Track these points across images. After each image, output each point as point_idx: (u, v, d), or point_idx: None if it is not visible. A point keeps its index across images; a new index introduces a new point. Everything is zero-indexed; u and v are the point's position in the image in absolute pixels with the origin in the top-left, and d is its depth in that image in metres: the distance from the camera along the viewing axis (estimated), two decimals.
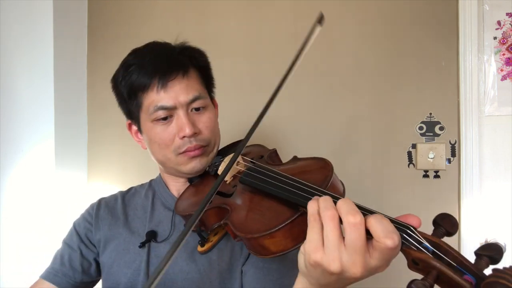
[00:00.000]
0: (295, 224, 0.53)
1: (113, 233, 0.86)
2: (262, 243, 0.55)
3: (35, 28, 1.50)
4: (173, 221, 0.84)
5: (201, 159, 0.80)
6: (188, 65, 0.80)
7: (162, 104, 0.76)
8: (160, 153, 0.81)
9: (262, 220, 0.57)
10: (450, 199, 1.38)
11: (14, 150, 1.52)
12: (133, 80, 0.78)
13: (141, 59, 0.79)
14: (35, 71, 1.51)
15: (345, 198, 0.48)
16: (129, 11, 1.66)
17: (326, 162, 0.66)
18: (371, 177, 1.44)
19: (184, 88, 0.77)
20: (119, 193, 0.95)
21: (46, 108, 1.50)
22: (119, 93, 0.83)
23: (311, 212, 0.48)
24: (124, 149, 1.64)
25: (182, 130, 0.76)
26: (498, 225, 1.36)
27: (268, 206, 0.60)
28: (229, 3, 1.57)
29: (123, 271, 0.81)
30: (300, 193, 0.55)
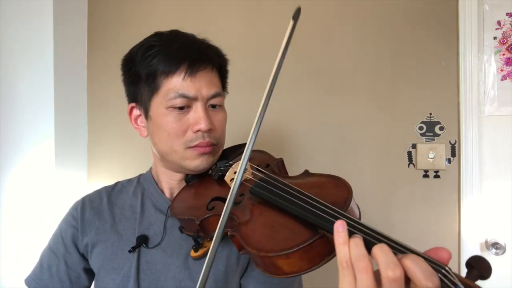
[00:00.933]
0: (312, 246, 0.50)
1: (100, 237, 0.81)
2: (276, 262, 0.52)
3: (35, 28, 1.50)
4: (166, 225, 0.80)
5: (208, 157, 0.77)
6: (216, 62, 0.79)
7: (184, 92, 0.72)
8: (167, 143, 0.76)
9: (277, 238, 0.54)
10: (450, 199, 1.38)
11: (14, 150, 1.52)
12: (156, 62, 0.73)
13: (168, 42, 0.75)
14: (35, 71, 1.51)
15: (381, 245, 0.44)
16: (129, 11, 1.66)
17: (344, 182, 0.63)
18: (371, 177, 1.44)
19: (209, 82, 0.75)
20: (103, 190, 0.89)
21: (46, 108, 1.50)
22: (133, 72, 0.77)
23: (342, 259, 0.45)
24: (124, 149, 1.64)
25: (198, 123, 0.73)
26: (498, 225, 1.36)
27: (282, 222, 0.56)
28: (229, 3, 1.57)
29: (111, 277, 0.77)
30: (321, 214, 0.52)
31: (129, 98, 0.82)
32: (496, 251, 1.33)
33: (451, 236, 1.37)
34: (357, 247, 0.45)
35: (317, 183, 0.67)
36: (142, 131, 0.82)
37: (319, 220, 0.51)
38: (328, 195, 0.59)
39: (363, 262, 0.43)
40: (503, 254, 1.33)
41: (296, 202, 0.57)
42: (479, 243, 1.35)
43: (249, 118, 1.70)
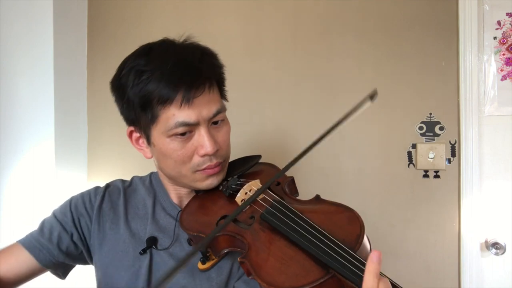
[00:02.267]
0: (323, 285, 0.51)
1: (113, 232, 0.81)
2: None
3: (35, 28, 1.50)
4: (176, 231, 0.79)
5: (218, 175, 0.77)
6: (211, 76, 0.74)
7: (185, 120, 0.69)
8: (174, 170, 0.75)
9: (287, 272, 0.54)
10: (450, 199, 1.38)
11: (14, 150, 1.52)
12: (150, 90, 0.69)
13: (158, 65, 0.70)
14: (35, 71, 1.51)
15: None
16: (129, 11, 1.66)
17: (356, 216, 0.62)
18: (371, 177, 1.44)
19: (207, 103, 0.72)
20: (121, 184, 0.89)
21: (46, 108, 1.50)
22: (126, 99, 0.73)
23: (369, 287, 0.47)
24: (124, 149, 1.64)
25: (203, 147, 0.72)
26: (498, 225, 1.36)
27: (292, 255, 0.56)
28: (229, 3, 1.57)
29: (120, 274, 0.77)
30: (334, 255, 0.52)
31: (126, 121, 0.79)
32: (496, 251, 1.33)
33: (451, 236, 1.37)
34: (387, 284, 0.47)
35: (328, 213, 0.66)
36: (146, 153, 0.81)
37: (331, 261, 0.52)
38: (340, 229, 0.59)
39: None
40: (503, 254, 1.33)
41: (308, 237, 0.57)
42: (479, 243, 1.35)
43: (248, 119, 1.70)
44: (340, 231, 0.58)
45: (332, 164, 1.47)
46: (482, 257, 1.36)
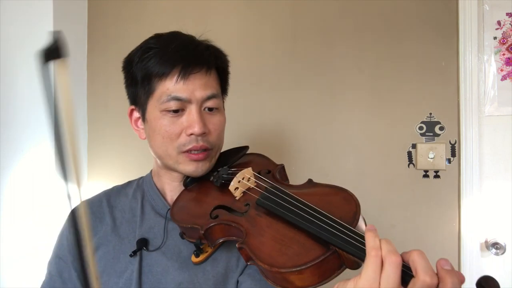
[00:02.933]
0: (324, 262, 0.52)
1: (101, 241, 0.80)
2: (288, 277, 0.53)
3: (35, 28, 1.50)
4: (166, 229, 0.79)
5: (204, 164, 0.77)
6: (212, 63, 0.77)
7: (177, 94, 0.72)
8: (161, 147, 0.76)
9: (288, 253, 0.54)
10: (450, 199, 1.38)
11: (14, 150, 1.52)
12: (151, 65, 0.73)
13: (163, 44, 0.75)
14: (35, 71, 1.51)
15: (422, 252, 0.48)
16: (129, 11, 1.66)
17: (351, 195, 0.63)
18: (371, 177, 1.44)
19: (203, 84, 0.74)
20: (103, 194, 0.88)
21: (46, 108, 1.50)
22: (131, 74, 0.78)
23: (373, 246, 0.48)
24: (124, 149, 1.64)
25: (191, 126, 0.73)
26: (498, 225, 1.36)
27: (292, 237, 0.57)
28: (229, 3, 1.57)
29: (114, 280, 0.76)
30: (334, 231, 0.53)
31: (129, 100, 0.82)
32: (496, 251, 1.33)
33: (451, 236, 1.37)
34: (389, 244, 0.48)
35: (323, 195, 0.66)
36: (141, 133, 0.82)
37: (333, 237, 0.52)
38: (336, 208, 0.59)
39: (395, 257, 0.46)
40: (503, 254, 1.33)
41: (306, 217, 0.57)
42: (479, 243, 1.35)
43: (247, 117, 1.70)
44: (336, 210, 0.58)
45: (332, 164, 1.47)
46: (482, 257, 1.36)
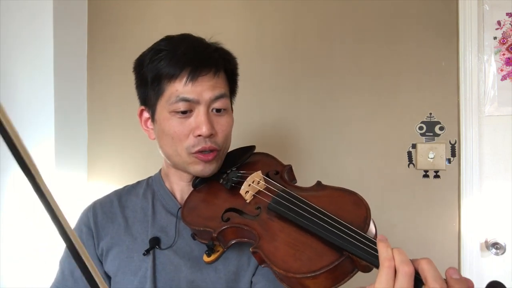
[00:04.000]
0: (338, 267, 0.53)
1: (115, 241, 0.82)
2: (303, 282, 0.54)
3: (35, 28, 1.50)
4: (177, 228, 0.81)
5: (211, 164, 0.78)
6: (220, 65, 0.79)
7: (185, 96, 0.74)
8: (171, 147, 0.78)
9: (302, 258, 0.56)
10: (450, 199, 1.38)
11: None
12: (161, 66, 0.75)
13: (174, 47, 0.77)
14: (35, 71, 1.51)
15: (430, 260, 0.50)
16: (129, 11, 1.66)
17: (362, 199, 0.64)
18: (371, 177, 1.44)
19: (211, 86, 0.76)
20: (113, 193, 0.91)
21: (46, 108, 1.50)
22: (142, 75, 0.80)
23: (386, 257, 0.50)
24: (124, 149, 1.64)
25: (199, 128, 0.74)
26: (498, 225, 1.36)
27: (304, 242, 0.58)
28: (229, 3, 1.57)
29: (129, 278, 0.78)
30: (346, 238, 0.54)
31: (140, 100, 0.84)
32: (496, 251, 1.33)
33: (451, 236, 1.37)
34: (402, 255, 0.50)
35: (333, 198, 0.67)
36: (150, 134, 0.84)
37: (346, 243, 0.53)
38: (347, 213, 0.60)
39: (409, 268, 0.48)
40: (503, 254, 1.33)
41: (318, 223, 0.57)
42: (479, 243, 1.35)
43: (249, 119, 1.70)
44: (347, 215, 0.59)
45: (332, 164, 1.47)
46: (482, 257, 1.36)
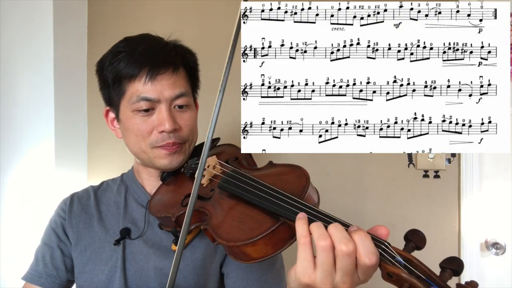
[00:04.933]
0: (275, 233, 0.56)
1: (87, 231, 0.86)
2: (244, 250, 0.57)
3: (35, 28, 1.50)
4: (146, 218, 0.85)
5: (178, 156, 0.82)
6: (179, 63, 0.81)
7: (146, 95, 0.76)
8: (135, 145, 0.81)
9: (243, 228, 0.59)
10: (450, 199, 1.38)
11: (14, 151, 1.52)
12: (121, 68, 0.78)
13: (132, 48, 0.79)
14: (35, 71, 1.51)
15: (336, 224, 0.50)
16: (129, 12, 1.66)
17: (302, 170, 0.67)
18: (371, 177, 1.44)
19: (171, 84, 0.78)
20: (90, 188, 0.95)
21: (46, 108, 1.50)
22: (103, 77, 0.83)
23: (301, 234, 0.50)
24: (124, 149, 1.64)
25: (162, 124, 0.77)
26: (498, 225, 1.36)
27: (247, 213, 0.61)
28: (229, 3, 1.57)
29: (100, 268, 0.81)
30: (281, 203, 0.57)
31: (104, 101, 0.87)
32: (496, 251, 1.33)
33: (451, 236, 1.37)
34: (319, 228, 0.49)
35: (279, 174, 0.71)
36: (118, 133, 0.88)
37: (279, 209, 0.56)
38: (288, 184, 0.64)
39: (325, 241, 0.48)
40: (503, 254, 1.33)
41: (258, 194, 0.61)
42: (479, 243, 1.36)
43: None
44: (288, 186, 0.63)
45: (332, 164, 1.47)
46: (482, 257, 1.36)
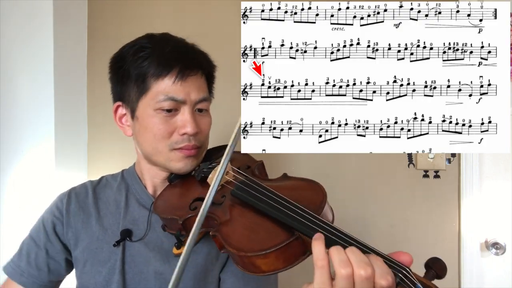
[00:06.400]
0: (289, 247, 0.54)
1: (85, 231, 0.83)
2: (254, 262, 0.55)
3: (35, 28, 1.50)
4: (149, 220, 0.82)
5: (193, 160, 0.80)
6: (205, 67, 0.82)
7: (174, 95, 0.75)
8: (151, 144, 0.78)
9: (255, 239, 0.58)
10: (450, 199, 1.38)
11: (14, 150, 1.52)
12: (148, 63, 0.75)
13: (160, 45, 0.77)
14: (35, 71, 1.51)
15: (353, 248, 0.49)
16: (129, 11, 1.66)
17: (320, 186, 0.66)
18: (371, 177, 1.44)
19: (197, 87, 0.78)
20: (89, 184, 0.91)
21: (46, 108, 1.50)
22: (123, 71, 0.79)
23: (318, 257, 0.49)
24: (124, 149, 1.64)
25: (185, 126, 0.76)
26: (498, 225, 1.36)
27: (260, 223, 0.60)
28: (230, 3, 1.57)
29: (98, 269, 0.79)
30: (297, 217, 0.55)
31: (115, 96, 0.85)
32: (496, 251, 1.33)
33: (451, 236, 1.37)
34: (340, 254, 0.49)
35: (294, 186, 0.69)
36: (126, 130, 0.85)
37: (296, 223, 0.55)
38: (304, 198, 0.62)
39: (347, 269, 0.47)
40: (503, 254, 1.33)
41: (274, 205, 0.59)
42: (479, 243, 1.36)
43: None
44: (305, 200, 0.61)
45: (332, 164, 1.47)
46: (482, 257, 1.36)
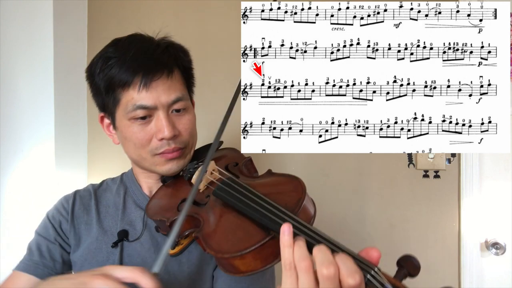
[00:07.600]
0: (265, 247, 0.54)
1: (87, 232, 0.84)
2: (232, 263, 0.55)
3: (35, 28, 1.50)
4: (145, 221, 0.83)
5: (178, 161, 0.79)
6: (172, 65, 0.78)
7: (142, 103, 0.74)
8: (135, 152, 0.79)
9: (232, 240, 0.57)
10: (450, 199, 1.38)
11: (14, 150, 1.52)
12: (112, 75, 0.75)
13: (123, 53, 0.76)
14: (35, 71, 1.51)
15: (320, 246, 0.49)
16: (129, 12, 1.66)
17: (300, 182, 0.65)
18: (371, 177, 1.44)
19: (166, 89, 0.75)
20: (91, 187, 0.93)
21: (46, 108, 1.50)
22: (94, 85, 0.80)
23: (286, 260, 0.48)
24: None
25: (161, 131, 0.75)
26: (498, 225, 1.36)
27: (239, 224, 0.59)
28: (230, 3, 1.57)
29: None
30: (272, 217, 0.55)
31: (98, 107, 0.84)
32: (496, 251, 1.33)
33: (451, 236, 1.37)
34: (300, 249, 0.48)
35: (275, 183, 0.69)
36: (114, 138, 0.85)
37: (270, 222, 0.54)
38: (283, 195, 0.61)
39: (304, 262, 0.47)
40: (503, 254, 1.33)
41: (250, 205, 0.59)
42: (479, 243, 1.36)
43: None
44: (283, 198, 0.60)
45: (332, 164, 1.47)
46: (482, 257, 1.36)
